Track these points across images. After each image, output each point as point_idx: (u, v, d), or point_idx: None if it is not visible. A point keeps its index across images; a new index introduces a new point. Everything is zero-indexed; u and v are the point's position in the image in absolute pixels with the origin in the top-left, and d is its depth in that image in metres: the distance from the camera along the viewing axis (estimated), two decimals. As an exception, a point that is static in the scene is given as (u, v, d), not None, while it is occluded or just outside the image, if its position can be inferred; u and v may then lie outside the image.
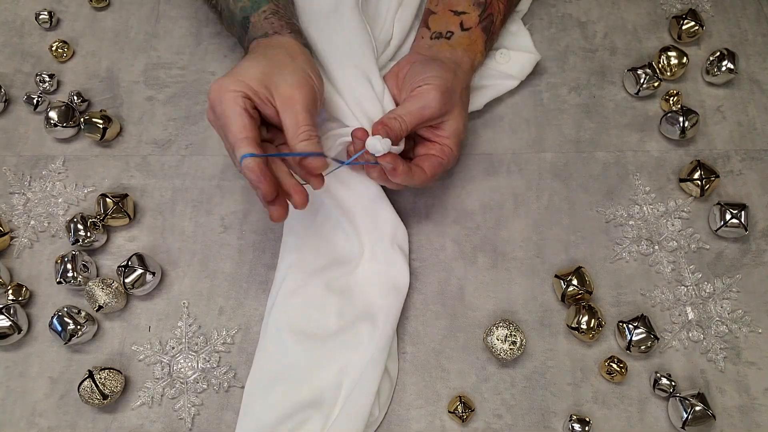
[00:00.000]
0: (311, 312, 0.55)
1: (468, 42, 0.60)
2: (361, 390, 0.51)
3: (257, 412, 0.52)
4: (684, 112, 0.62)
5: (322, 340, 0.54)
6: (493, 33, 0.62)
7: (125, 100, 0.67)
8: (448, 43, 0.59)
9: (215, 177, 0.63)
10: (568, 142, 0.64)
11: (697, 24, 0.67)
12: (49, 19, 0.70)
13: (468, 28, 0.60)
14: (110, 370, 0.53)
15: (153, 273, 0.57)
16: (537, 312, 0.57)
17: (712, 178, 0.60)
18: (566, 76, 0.67)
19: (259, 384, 0.53)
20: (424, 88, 0.54)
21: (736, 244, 0.59)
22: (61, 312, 0.55)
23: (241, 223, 0.61)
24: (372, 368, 0.52)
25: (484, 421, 0.53)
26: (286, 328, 0.54)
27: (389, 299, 0.55)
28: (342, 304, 0.56)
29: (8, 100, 0.67)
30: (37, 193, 0.63)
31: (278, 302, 0.56)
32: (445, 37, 0.60)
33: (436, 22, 0.61)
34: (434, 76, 0.55)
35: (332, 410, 0.52)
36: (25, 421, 0.54)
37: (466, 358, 0.55)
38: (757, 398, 0.54)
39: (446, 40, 0.60)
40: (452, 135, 0.56)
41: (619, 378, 0.54)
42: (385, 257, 0.57)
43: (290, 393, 0.52)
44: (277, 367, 0.54)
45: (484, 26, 0.60)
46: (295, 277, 0.56)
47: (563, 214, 0.61)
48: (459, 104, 0.56)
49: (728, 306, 0.57)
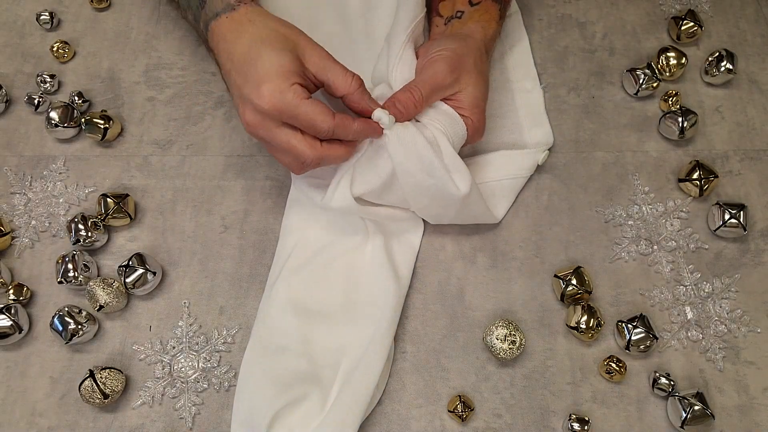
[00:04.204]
0: (314, 290, 0.56)
1: (479, 15, 0.59)
2: (364, 372, 0.51)
3: (256, 379, 0.52)
4: (683, 113, 0.62)
5: (324, 317, 0.55)
6: (503, 2, 0.61)
7: (126, 101, 0.67)
8: (460, 21, 0.59)
9: (216, 177, 0.63)
10: (568, 143, 0.64)
11: (696, 24, 0.67)
12: (50, 19, 0.70)
13: (477, 2, 0.59)
14: (111, 369, 0.53)
15: (154, 273, 0.57)
16: (536, 312, 0.57)
17: (711, 178, 0.60)
18: (565, 77, 0.67)
19: (259, 353, 0.53)
20: (431, 58, 0.54)
21: (735, 244, 0.60)
22: (62, 312, 0.55)
23: (241, 223, 0.61)
24: (374, 351, 0.52)
25: (483, 420, 0.53)
26: (289, 304, 0.55)
27: (392, 285, 0.55)
28: (346, 284, 0.56)
29: (9, 100, 0.67)
30: (38, 193, 0.63)
31: (282, 276, 0.56)
32: (456, 17, 0.59)
33: (446, 8, 0.61)
34: (441, 48, 0.55)
35: (330, 390, 0.52)
36: (25, 421, 0.54)
37: (466, 357, 0.56)
38: (756, 398, 0.54)
39: (458, 19, 0.59)
40: (471, 105, 0.55)
41: (619, 377, 0.54)
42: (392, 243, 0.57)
43: (290, 363, 0.53)
44: (276, 338, 0.54)
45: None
46: (300, 255, 0.57)
47: (563, 214, 0.61)
48: (474, 72, 0.55)
49: (727, 306, 0.57)
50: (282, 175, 0.63)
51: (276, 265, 0.58)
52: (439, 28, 0.61)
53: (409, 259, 0.58)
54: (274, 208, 0.61)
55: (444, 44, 0.55)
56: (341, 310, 0.56)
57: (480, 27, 0.58)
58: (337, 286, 0.56)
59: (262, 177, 0.63)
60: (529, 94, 0.65)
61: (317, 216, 0.59)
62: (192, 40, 0.70)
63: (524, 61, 0.67)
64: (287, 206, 0.60)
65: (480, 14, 0.59)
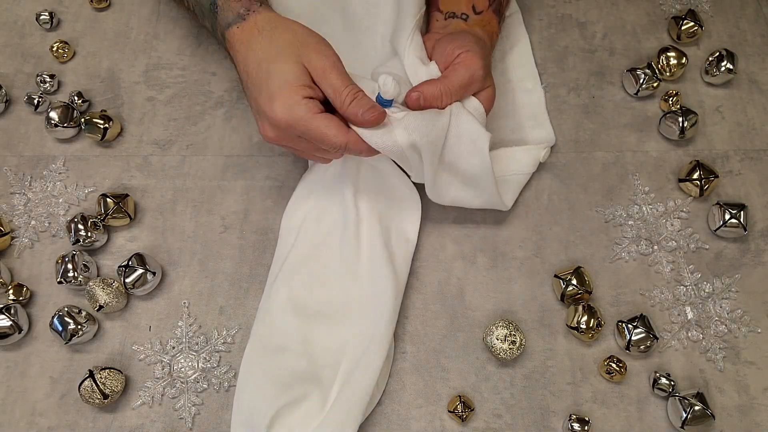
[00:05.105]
0: (314, 289, 0.56)
1: (482, 24, 0.60)
2: (364, 372, 0.51)
3: (256, 379, 0.52)
4: (683, 113, 0.62)
5: (324, 317, 0.55)
6: (502, 14, 0.62)
7: (126, 101, 0.67)
8: (465, 23, 0.59)
9: (216, 177, 0.63)
10: (568, 142, 0.64)
11: (696, 24, 0.67)
12: (50, 19, 0.70)
13: (480, 11, 0.60)
14: (111, 369, 0.53)
15: (153, 273, 0.57)
16: (536, 312, 0.57)
17: (711, 178, 0.60)
18: (565, 77, 0.67)
19: (258, 353, 0.53)
20: (466, 55, 0.53)
21: (735, 244, 0.60)
22: (62, 312, 0.55)
23: (241, 223, 0.61)
24: (374, 351, 0.52)
25: (483, 420, 0.53)
26: (289, 304, 0.55)
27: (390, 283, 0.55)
28: (345, 284, 0.56)
29: (9, 100, 0.67)
30: (37, 193, 0.63)
31: (282, 276, 0.56)
32: (460, 17, 0.60)
33: (446, 4, 0.61)
34: (471, 44, 0.54)
35: (330, 390, 0.52)
36: (25, 421, 0.54)
37: (466, 357, 0.56)
38: (757, 398, 0.54)
39: (462, 20, 0.59)
40: (487, 101, 0.55)
41: (619, 378, 0.54)
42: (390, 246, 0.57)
43: (290, 363, 0.53)
44: (276, 338, 0.54)
45: (495, 8, 0.61)
46: (299, 254, 0.57)
47: (563, 214, 0.61)
48: (490, 73, 0.56)
49: (727, 306, 0.57)
50: (282, 175, 0.63)
51: (275, 265, 0.58)
52: (439, 22, 0.61)
53: (407, 257, 0.58)
54: (274, 208, 0.61)
55: (471, 40, 0.55)
56: (341, 309, 0.56)
57: (486, 34, 0.59)
58: (336, 285, 0.57)
59: (262, 177, 0.63)
60: (530, 94, 0.65)
61: (316, 215, 0.59)
62: (192, 40, 0.70)
63: (525, 61, 0.67)
64: (287, 206, 0.60)
65: (483, 24, 0.60)
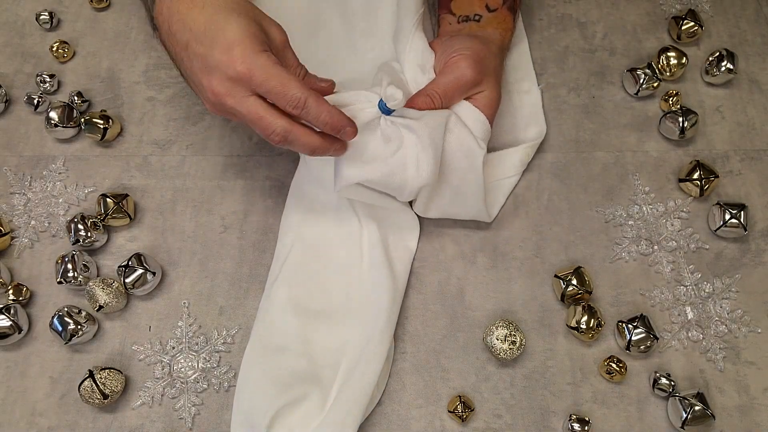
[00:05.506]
0: (314, 290, 0.56)
1: (497, 22, 0.59)
2: (364, 372, 0.51)
3: (256, 379, 0.52)
4: (683, 113, 0.62)
5: (324, 317, 0.55)
6: (516, 10, 0.62)
7: (126, 101, 0.67)
8: (478, 24, 0.59)
9: (216, 177, 0.63)
10: (568, 142, 0.64)
11: (697, 24, 0.67)
12: (50, 19, 0.70)
13: (494, 9, 0.60)
14: (110, 369, 0.53)
15: (153, 273, 0.57)
16: (537, 312, 0.57)
17: (711, 178, 0.60)
18: (566, 77, 0.67)
19: (258, 353, 0.53)
20: (456, 58, 0.54)
21: (736, 244, 0.60)
22: (62, 312, 0.55)
23: (241, 223, 0.61)
24: (374, 351, 0.52)
25: (483, 420, 0.53)
26: (289, 304, 0.55)
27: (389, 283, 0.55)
28: (344, 284, 0.56)
29: (9, 100, 0.67)
30: (37, 193, 0.63)
31: (282, 276, 0.56)
32: (473, 20, 0.59)
33: (460, 6, 0.60)
34: (465, 47, 0.54)
35: (330, 390, 0.52)
36: (25, 421, 0.54)
37: (466, 357, 0.55)
38: (757, 398, 0.54)
39: (475, 22, 0.59)
40: (486, 107, 0.55)
41: (619, 378, 0.54)
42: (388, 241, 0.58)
43: (290, 363, 0.53)
44: (276, 338, 0.54)
45: (509, 5, 0.60)
46: (298, 254, 0.57)
47: (563, 214, 0.61)
48: (493, 76, 0.56)
49: (727, 306, 0.57)
50: (282, 175, 0.63)
51: (275, 265, 0.58)
52: (452, 26, 0.60)
53: (406, 258, 0.58)
54: (274, 208, 0.61)
55: (467, 43, 0.55)
56: (341, 309, 0.56)
57: (498, 33, 0.59)
58: (336, 285, 0.57)
59: (262, 177, 0.63)
60: (527, 95, 0.65)
61: (315, 215, 0.59)
62: (192, 40, 0.70)
63: (523, 62, 0.67)
64: (286, 205, 0.60)
65: (498, 21, 0.59)
